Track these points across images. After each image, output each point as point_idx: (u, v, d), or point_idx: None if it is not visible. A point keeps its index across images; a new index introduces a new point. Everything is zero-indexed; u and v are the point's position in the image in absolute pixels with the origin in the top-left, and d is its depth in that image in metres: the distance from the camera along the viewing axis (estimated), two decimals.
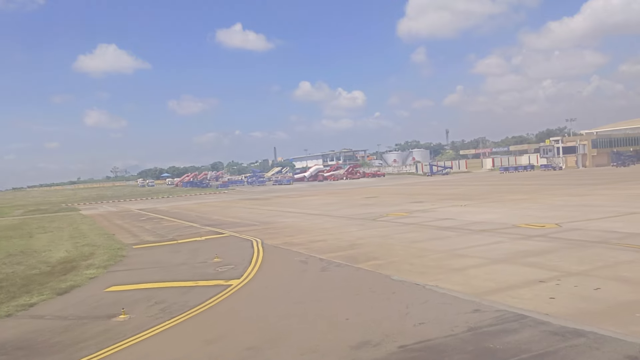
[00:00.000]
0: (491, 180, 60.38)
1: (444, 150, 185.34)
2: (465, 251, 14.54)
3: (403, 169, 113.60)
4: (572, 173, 69.68)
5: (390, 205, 32.63)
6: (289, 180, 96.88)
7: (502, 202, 29.29)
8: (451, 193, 40.97)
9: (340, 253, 15.66)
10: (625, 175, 52.57)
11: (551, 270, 11.40)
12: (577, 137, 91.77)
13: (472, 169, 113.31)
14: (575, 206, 24.49)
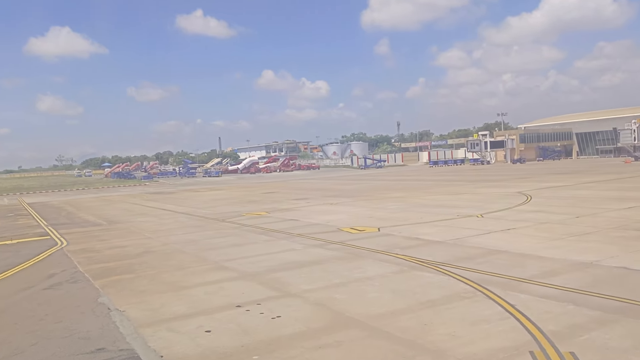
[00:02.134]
0: (405, 175, 60.13)
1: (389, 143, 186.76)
2: (235, 262, 13.17)
3: (340, 161, 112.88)
4: (494, 168, 70.38)
5: (272, 202, 31.37)
6: (218, 172, 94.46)
7: (371, 201, 28.44)
8: (349, 189, 40.10)
9: (114, 263, 14.07)
10: (537, 170, 53.11)
11: (276, 290, 10.14)
12: (506, 132, 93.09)
13: (409, 162, 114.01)
14: (433, 206, 23.72)
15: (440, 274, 10.62)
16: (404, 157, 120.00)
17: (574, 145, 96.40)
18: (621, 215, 17.26)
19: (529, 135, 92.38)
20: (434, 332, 7.26)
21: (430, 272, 10.78)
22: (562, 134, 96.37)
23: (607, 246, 12.29)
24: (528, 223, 16.75)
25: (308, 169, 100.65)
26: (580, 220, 16.61)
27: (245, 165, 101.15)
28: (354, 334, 7.42)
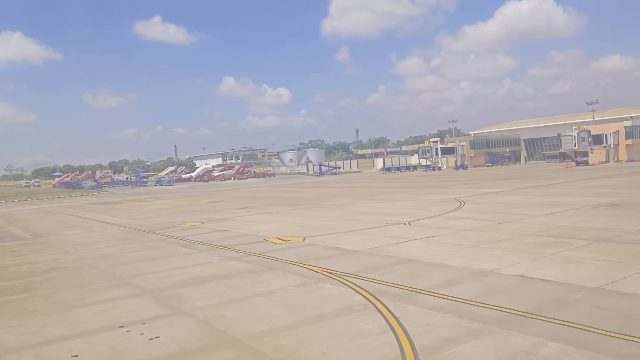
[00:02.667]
0: (356, 182, 60.42)
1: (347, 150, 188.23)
2: (142, 278, 12.68)
3: (296, 169, 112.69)
4: (442, 174, 71.59)
5: (212, 212, 30.83)
6: (169, 181, 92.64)
7: (311, 209, 28.29)
8: (295, 197, 39.91)
9: (14, 282, 13.35)
10: (482, 176, 54.27)
11: (169, 308, 9.74)
12: (456, 139, 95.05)
13: (365, 168, 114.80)
14: (368, 214, 23.74)
15: (342, 286, 10.47)
16: (359, 164, 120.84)
17: (522, 151, 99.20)
18: (541, 221, 17.62)
19: (479, 142, 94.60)
20: (307, 350, 7.06)
21: (334, 285, 10.61)
22: (511, 140, 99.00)
23: (513, 254, 12.44)
24: (450, 230, 16.89)
25: (263, 177, 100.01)
26: (500, 227, 16.87)
27: (199, 174, 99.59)
28: (226, 355, 7.15)
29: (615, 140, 70.23)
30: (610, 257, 11.36)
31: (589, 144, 68.07)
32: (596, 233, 14.42)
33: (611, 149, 70.48)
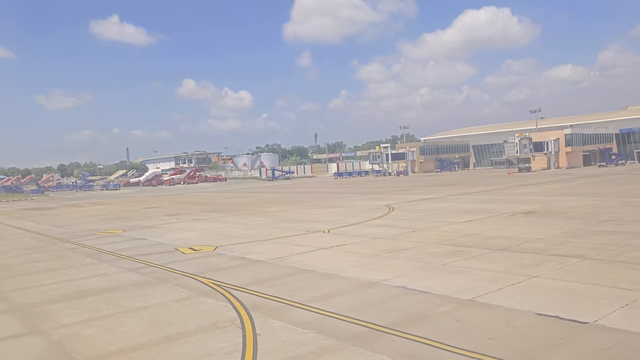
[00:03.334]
0: (303, 187, 60.25)
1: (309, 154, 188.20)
2: (22, 292, 11.99)
3: (248, 173, 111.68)
4: (390, 179, 72.32)
5: (142, 218, 29.94)
6: (116, 185, 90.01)
7: (241, 216, 27.95)
8: (233, 203, 39.34)
9: None
10: (425, 181, 55.09)
11: (28, 327, 9.16)
12: (407, 144, 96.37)
13: (319, 173, 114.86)
14: (295, 221, 23.53)
15: (223, 300, 10.13)
16: (314, 169, 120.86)
17: (471, 157, 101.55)
18: (453, 229, 17.79)
19: (429, 148, 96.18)
20: None
21: (214, 299, 10.26)
22: (461, 147, 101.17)
23: (409, 263, 12.41)
24: (363, 239, 16.81)
25: (214, 181, 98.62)
26: (412, 235, 16.92)
27: (147, 178, 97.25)
28: None
29: (556, 148, 72.70)
30: (498, 267, 11.45)
31: (530, 150, 70.25)
32: (498, 242, 14.61)
33: (552, 155, 72.88)
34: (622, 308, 8.02)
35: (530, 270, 10.90)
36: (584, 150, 76.87)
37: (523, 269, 11.09)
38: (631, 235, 14.43)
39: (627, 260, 11.31)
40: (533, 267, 11.21)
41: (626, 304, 8.16)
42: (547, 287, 9.52)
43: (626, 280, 9.64)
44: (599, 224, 16.82)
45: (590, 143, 78.68)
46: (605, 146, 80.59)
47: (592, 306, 8.23)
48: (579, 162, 75.40)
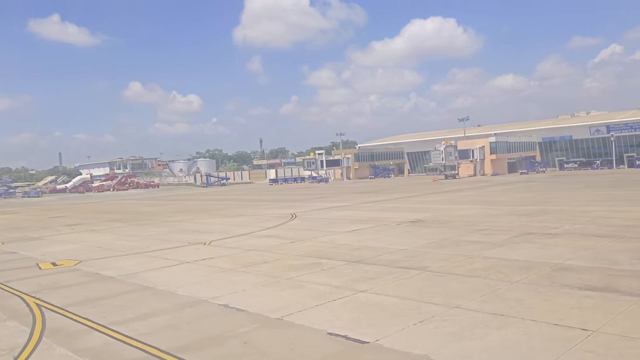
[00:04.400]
0: (230, 195, 59.40)
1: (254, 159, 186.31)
2: None
3: (184, 179, 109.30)
4: (322, 186, 72.46)
5: (36, 229, 28.46)
6: (38, 192, 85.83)
7: (143, 226, 26.95)
8: (147, 211, 38.14)
9: None
10: (349, 188, 55.48)
11: None
12: (342, 151, 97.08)
13: (258, 179, 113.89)
14: (190, 232, 22.80)
15: (28, 324, 9.40)
16: (253, 175, 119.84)
17: (405, 164, 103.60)
18: (331, 239, 17.67)
19: (364, 154, 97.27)
20: None
21: (20, 322, 9.53)
22: (395, 153, 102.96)
23: (256, 278, 12.10)
24: (236, 251, 16.40)
25: (146, 188, 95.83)
26: (287, 247, 16.64)
27: (75, 184, 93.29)
28: None
29: (481, 155, 75.13)
30: (337, 280, 11.29)
31: (456, 158, 72.24)
32: (360, 253, 14.54)
33: (478, 163, 75.27)
34: (415, 325, 7.94)
35: (364, 284, 10.79)
36: (508, 158, 79.80)
37: (359, 282, 10.96)
38: (490, 245, 14.71)
39: (463, 272, 11.40)
40: (369, 280, 11.11)
41: (420, 321, 8.10)
42: (363, 303, 9.40)
43: (445, 294, 9.65)
44: (469, 234, 17.13)
45: (515, 151, 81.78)
46: (530, 154, 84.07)
47: (389, 323, 8.12)
48: (504, 170, 78.19)
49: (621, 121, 79.81)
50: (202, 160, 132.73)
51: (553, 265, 11.51)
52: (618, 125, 78.98)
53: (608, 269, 10.91)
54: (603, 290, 9.24)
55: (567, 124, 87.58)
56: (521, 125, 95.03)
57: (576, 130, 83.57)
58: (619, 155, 77.78)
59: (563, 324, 7.56)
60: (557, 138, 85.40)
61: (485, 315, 8.21)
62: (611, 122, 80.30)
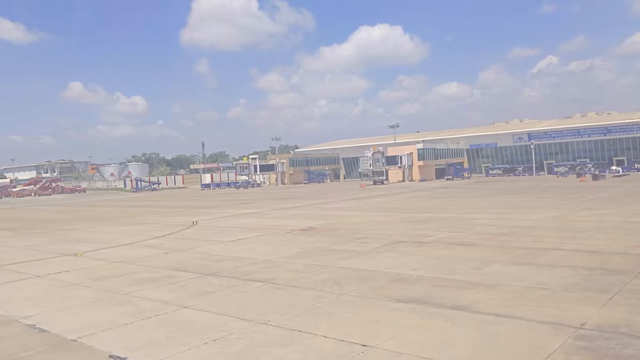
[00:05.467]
0: (152, 201, 57.64)
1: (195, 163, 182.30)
2: None
3: (113, 184, 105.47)
4: (253, 191, 71.73)
5: None
6: None
7: (32, 235, 25.52)
8: (50, 219, 36.28)
9: None
10: (275, 194, 55.15)
11: None
12: (277, 156, 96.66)
13: (191, 184, 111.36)
14: (76, 242, 21.71)
15: None
16: (188, 179, 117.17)
17: (341, 169, 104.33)
18: (207, 250, 17.25)
19: (299, 160, 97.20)
20: None
21: None
22: (331, 159, 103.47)
23: (93, 294, 11.53)
24: (98, 264, 15.65)
25: (72, 193, 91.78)
26: (158, 258, 16.11)
27: None
28: None
29: (409, 162, 76.65)
30: (171, 296, 10.90)
31: (383, 164, 73.42)
32: (222, 265, 14.23)
33: (406, 169, 76.77)
34: (205, 344, 7.69)
35: (195, 299, 10.47)
36: (436, 164, 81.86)
37: (192, 298, 10.63)
38: (354, 254, 14.78)
39: (303, 284, 11.31)
40: (205, 295, 10.82)
41: (214, 340, 7.87)
42: (175, 321, 9.08)
43: (264, 308, 9.48)
44: (345, 242, 17.18)
45: (443, 157, 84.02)
46: (458, 161, 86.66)
47: (179, 343, 7.81)
48: (432, 176, 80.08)
49: (541, 130, 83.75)
50: (134, 164, 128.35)
51: (393, 276, 11.61)
52: (538, 133, 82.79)
53: (441, 279, 11.10)
54: (417, 302, 9.33)
55: (493, 132, 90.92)
56: (458, 132, 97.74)
57: (501, 138, 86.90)
58: (539, 162, 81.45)
59: (349, 339, 7.51)
60: (483, 145, 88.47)
61: (284, 331, 8.07)
62: (532, 131, 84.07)
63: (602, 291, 9.46)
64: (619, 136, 76.45)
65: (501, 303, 9.04)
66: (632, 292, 9.33)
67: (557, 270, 11.44)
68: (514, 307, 8.73)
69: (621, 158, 75.77)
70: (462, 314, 8.48)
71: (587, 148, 79.47)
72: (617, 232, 16.62)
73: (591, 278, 10.51)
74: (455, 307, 8.90)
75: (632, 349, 6.62)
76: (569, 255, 13.04)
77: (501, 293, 9.73)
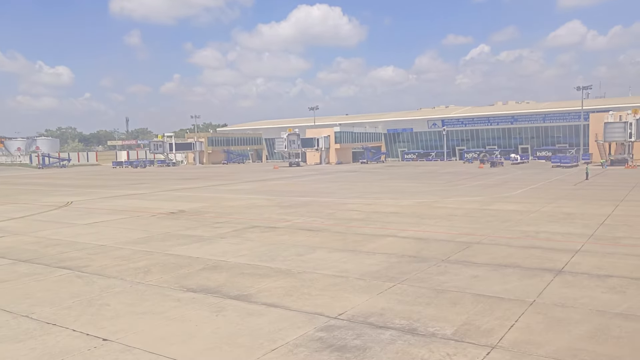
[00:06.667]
0: (44, 179, 54.56)
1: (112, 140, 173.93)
2: None
3: (18, 159, 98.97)
4: (162, 170, 69.61)
5: None
6: None
7: None
8: None
9: None
10: (178, 174, 53.74)
11: None
12: (195, 135, 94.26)
13: (106, 161, 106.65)
14: None
15: None
16: (101, 157, 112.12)
17: (263, 150, 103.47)
18: (53, 232, 16.35)
19: (219, 139, 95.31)
20: None
21: None
22: (254, 139, 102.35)
23: None
24: None
25: None
26: None
27: None
28: None
29: (326, 144, 77.15)
30: None
31: (299, 146, 73.49)
32: (54, 250, 13.48)
33: (323, 151, 77.24)
34: None
35: None
36: (353, 147, 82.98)
37: None
38: (195, 240, 14.46)
39: (111, 273, 10.86)
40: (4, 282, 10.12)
41: None
42: None
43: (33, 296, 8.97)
44: (202, 227, 16.86)
45: (361, 141, 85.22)
46: (376, 145, 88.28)
47: None
48: (349, 159, 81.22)
49: (454, 117, 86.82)
50: (44, 139, 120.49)
51: (210, 264, 11.47)
52: (451, 120, 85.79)
53: (253, 266, 11.07)
54: (205, 292, 9.21)
55: (410, 117, 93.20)
56: (378, 116, 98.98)
57: (417, 124, 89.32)
58: (451, 148, 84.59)
59: (96, 334, 7.27)
60: (400, 130, 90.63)
61: (37, 324, 7.75)
62: (446, 117, 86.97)
63: (391, 279, 9.72)
64: (524, 125, 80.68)
65: (286, 292, 9.07)
66: (417, 280, 9.65)
67: (372, 257, 11.70)
68: (293, 297, 8.77)
69: (525, 146, 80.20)
70: (236, 304, 8.42)
71: (495, 135, 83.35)
72: (462, 219, 17.34)
73: (394, 266, 10.81)
74: (237, 297, 8.84)
75: (361, 340, 6.77)
76: (397, 242, 13.41)
77: (297, 281, 9.78)
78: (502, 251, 12.06)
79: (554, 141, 77.48)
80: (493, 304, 8.14)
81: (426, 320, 7.47)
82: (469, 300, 8.33)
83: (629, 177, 35.52)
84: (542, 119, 79.39)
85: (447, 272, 10.22)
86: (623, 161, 50.09)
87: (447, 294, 8.72)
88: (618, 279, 9.42)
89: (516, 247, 12.60)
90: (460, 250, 12.27)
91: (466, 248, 12.48)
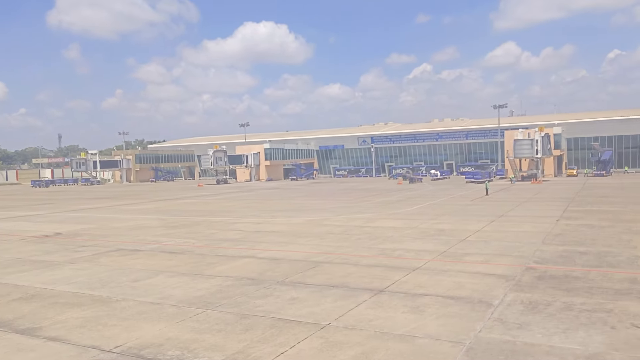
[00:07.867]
0: None
1: None
2: None
3: None
4: (87, 189, 66.83)
5: None
6: None
7: None
8: None
9: None
10: (99, 194, 51.69)
11: None
12: (122, 152, 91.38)
13: (27, 180, 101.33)
14: None
15: None
16: (27, 175, 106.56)
17: (196, 167, 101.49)
18: None
19: (147, 156, 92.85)
20: None
21: None
22: (186, 156, 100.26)
23: None
24: None
25: None
26: None
27: None
28: None
29: (256, 161, 76.66)
30: None
31: (225, 163, 72.64)
32: None
33: (253, 168, 76.63)
34: None
35: None
36: (284, 164, 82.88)
37: None
38: (35, 267, 13.65)
39: None
40: None
41: None
42: None
43: None
44: (61, 251, 15.98)
45: (293, 158, 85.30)
46: (309, 161, 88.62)
47: None
48: (280, 175, 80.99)
49: (382, 134, 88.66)
50: None
51: (23, 293, 10.76)
52: (380, 137, 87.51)
53: (75, 294, 10.46)
54: None
55: (341, 134, 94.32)
56: (310, 133, 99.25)
57: (348, 140, 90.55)
58: (380, 164, 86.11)
59: None
60: (331, 147, 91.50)
61: None
62: (375, 134, 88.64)
63: (207, 305, 9.45)
64: (448, 142, 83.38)
65: (82, 323, 8.60)
66: (232, 305, 9.41)
67: (209, 281, 11.39)
68: (85, 328, 8.34)
69: (450, 162, 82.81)
70: (13, 339, 7.96)
71: (422, 152, 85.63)
72: (335, 237, 17.39)
73: (224, 290, 10.55)
74: (22, 330, 8.38)
75: None
76: (250, 264, 13.19)
77: (107, 310, 9.32)
78: (344, 270, 12.06)
79: (477, 157, 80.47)
80: (286, 328, 8.00)
81: (201, 350, 7.21)
82: (266, 326, 8.15)
83: (529, 192, 37.17)
84: (465, 136, 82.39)
85: (270, 295, 10.05)
86: (533, 176, 52.56)
87: (249, 320, 8.51)
88: (430, 298, 9.54)
89: (362, 265, 12.66)
90: (305, 270, 12.18)
91: (312, 268, 12.41)
